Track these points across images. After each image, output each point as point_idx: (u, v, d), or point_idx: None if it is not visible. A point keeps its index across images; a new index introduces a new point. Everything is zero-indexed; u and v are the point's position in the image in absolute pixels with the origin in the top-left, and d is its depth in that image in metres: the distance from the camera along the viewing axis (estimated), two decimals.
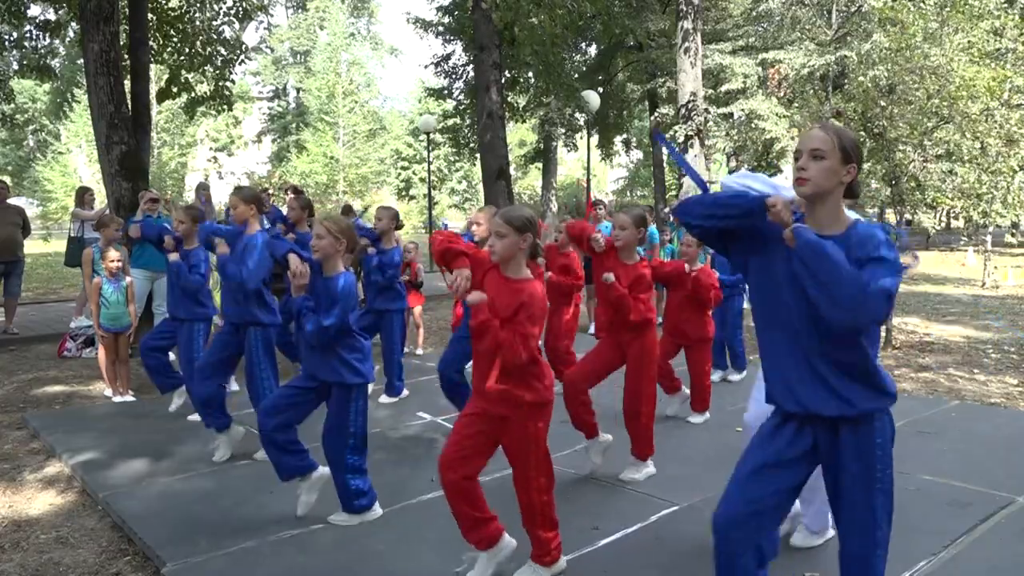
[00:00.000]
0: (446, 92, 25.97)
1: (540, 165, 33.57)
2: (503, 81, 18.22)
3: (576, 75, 25.45)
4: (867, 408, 2.19)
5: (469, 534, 3.01)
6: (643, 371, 4.21)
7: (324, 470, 3.79)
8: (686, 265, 5.29)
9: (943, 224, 24.49)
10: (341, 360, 3.58)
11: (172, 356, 5.72)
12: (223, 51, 13.08)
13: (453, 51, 24.46)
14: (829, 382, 2.17)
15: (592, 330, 8.44)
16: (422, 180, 42.19)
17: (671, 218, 12.63)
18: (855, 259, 2.08)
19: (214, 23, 13.13)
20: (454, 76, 25.14)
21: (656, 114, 25.94)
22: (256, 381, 4.57)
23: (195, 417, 5.24)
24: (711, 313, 5.56)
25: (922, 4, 8.06)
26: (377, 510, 3.77)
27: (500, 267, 2.97)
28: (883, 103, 8.18)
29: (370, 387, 3.82)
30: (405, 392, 6.21)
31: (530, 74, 22.90)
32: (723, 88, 23.00)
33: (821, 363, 2.17)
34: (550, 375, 3.00)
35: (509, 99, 22.10)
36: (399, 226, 6.06)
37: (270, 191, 12.45)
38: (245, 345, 4.59)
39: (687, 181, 20.11)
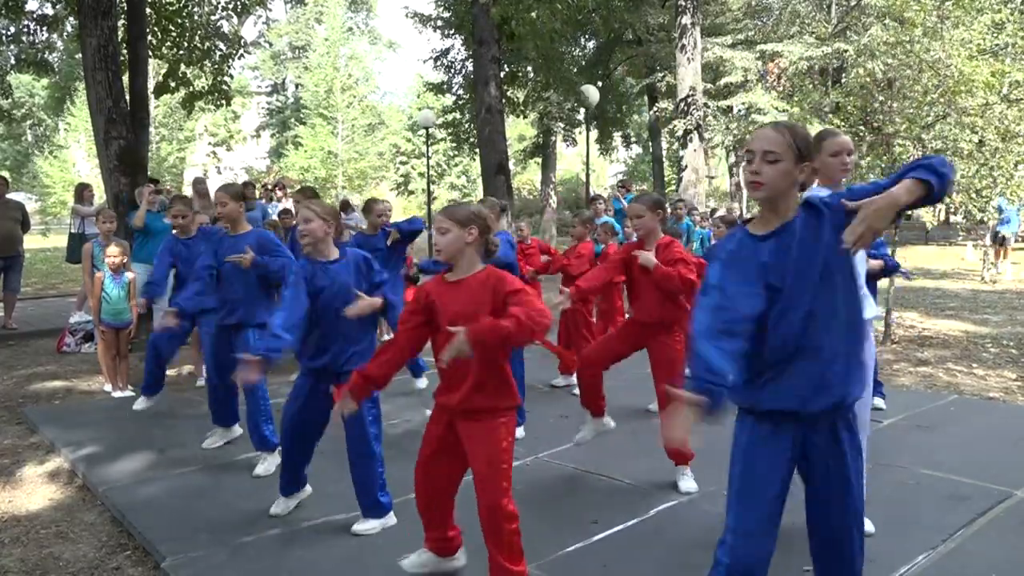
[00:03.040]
0: (445, 87, 25.92)
1: (539, 160, 33.52)
2: (502, 75, 18.20)
3: (575, 69, 25.40)
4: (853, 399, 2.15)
5: (434, 543, 2.93)
6: (675, 373, 3.68)
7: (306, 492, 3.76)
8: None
9: (942, 219, 24.45)
10: (357, 350, 3.47)
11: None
12: (221, 46, 13.06)
13: (452, 45, 24.41)
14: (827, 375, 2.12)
15: None
16: (421, 175, 42.09)
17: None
18: (836, 227, 2.02)
19: (212, 17, 13.11)
20: (453, 71, 25.09)
21: (655, 108, 25.92)
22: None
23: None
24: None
25: None
26: (392, 518, 3.57)
27: (448, 272, 2.76)
28: (882, 98, 8.17)
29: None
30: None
31: (529, 68, 22.86)
32: (722, 81, 22.99)
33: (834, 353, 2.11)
34: (513, 380, 2.81)
35: (508, 94, 22.06)
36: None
37: (269, 186, 12.41)
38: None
39: (686, 175, 20.15)
